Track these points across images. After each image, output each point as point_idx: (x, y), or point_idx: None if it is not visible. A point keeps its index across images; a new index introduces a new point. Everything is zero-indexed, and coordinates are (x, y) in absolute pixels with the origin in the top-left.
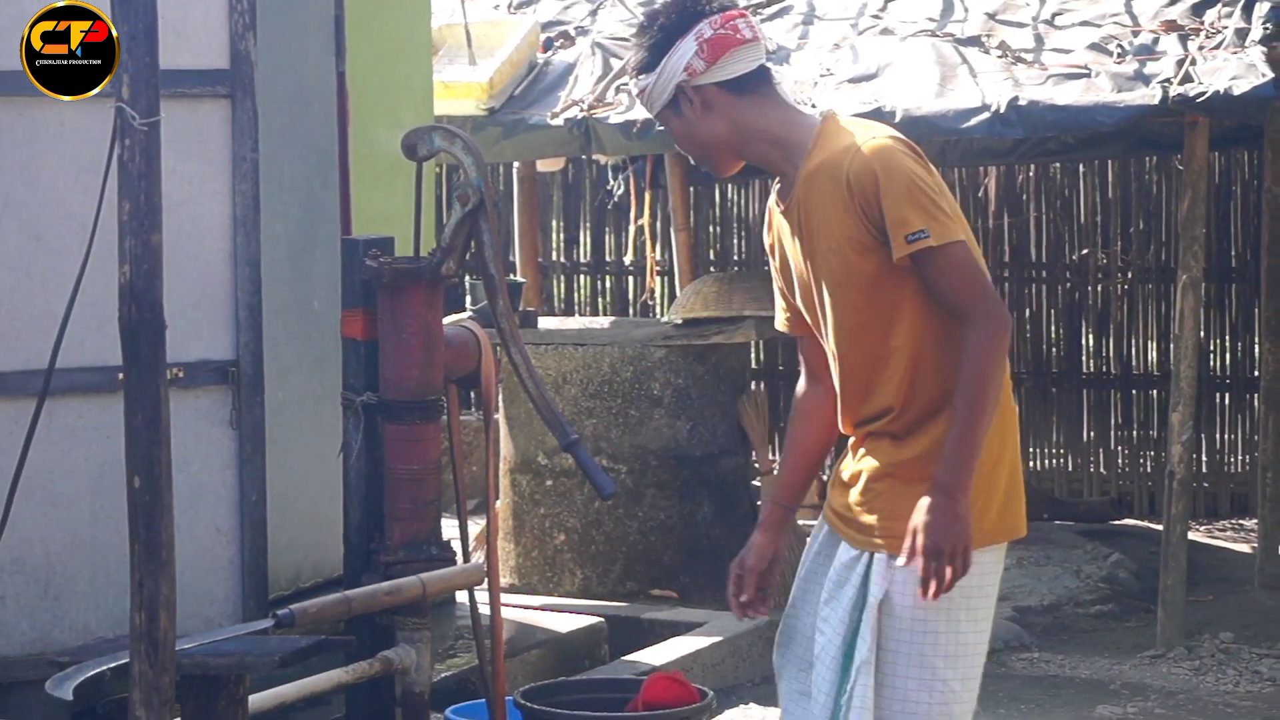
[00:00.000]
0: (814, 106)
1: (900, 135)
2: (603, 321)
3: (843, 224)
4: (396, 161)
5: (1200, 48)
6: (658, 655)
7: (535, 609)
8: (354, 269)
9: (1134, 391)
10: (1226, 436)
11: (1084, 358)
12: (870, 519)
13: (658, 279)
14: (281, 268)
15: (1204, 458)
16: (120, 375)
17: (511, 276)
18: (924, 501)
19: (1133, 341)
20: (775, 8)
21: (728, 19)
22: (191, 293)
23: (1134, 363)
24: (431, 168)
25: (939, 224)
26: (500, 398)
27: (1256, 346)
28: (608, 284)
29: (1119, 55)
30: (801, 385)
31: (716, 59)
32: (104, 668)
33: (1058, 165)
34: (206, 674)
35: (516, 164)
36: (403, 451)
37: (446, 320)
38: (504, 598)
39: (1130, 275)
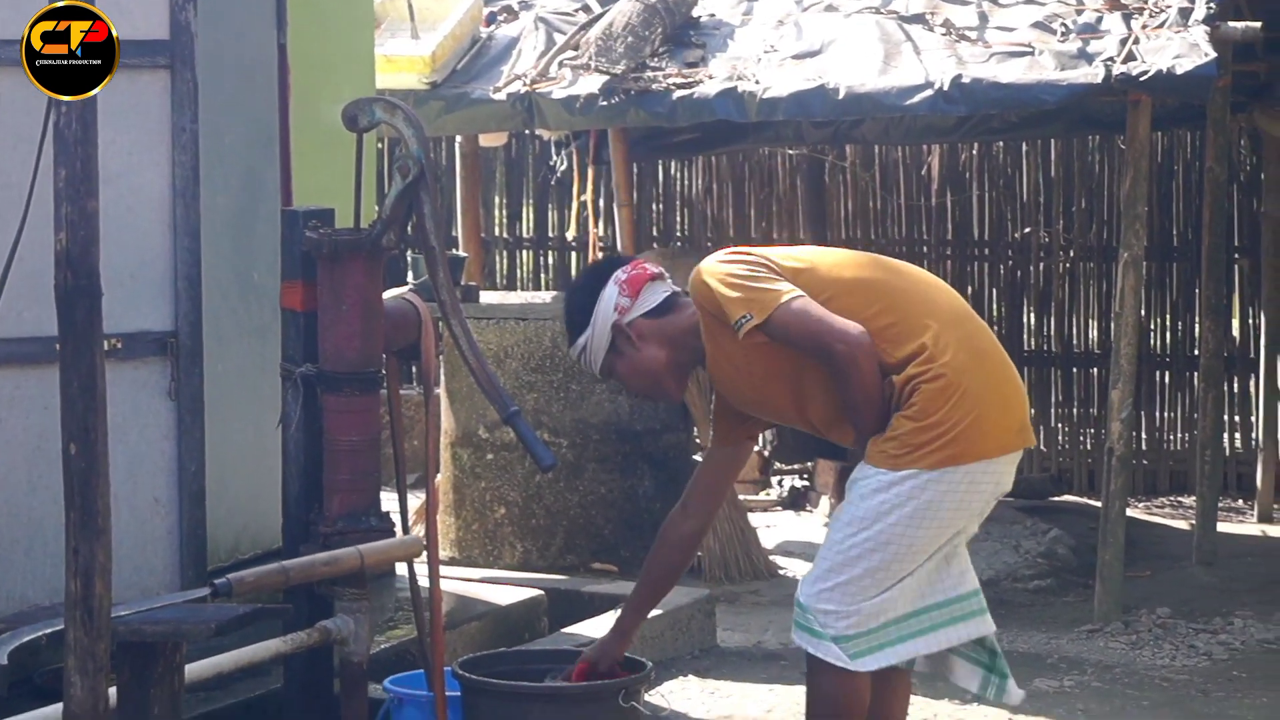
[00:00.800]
0: (757, 82)
1: (727, 252)
2: (545, 296)
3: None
4: (337, 134)
5: (1144, 26)
6: (598, 628)
7: (475, 581)
8: (294, 240)
9: (1074, 369)
10: (1166, 414)
11: (1025, 335)
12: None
13: (600, 255)
14: (221, 239)
15: (1143, 435)
16: (58, 345)
17: (454, 251)
18: None
19: (1074, 319)
20: None
21: (634, 264)
22: (130, 264)
23: (1075, 341)
24: (373, 141)
25: (756, 303)
26: (441, 371)
27: (1197, 325)
28: (550, 259)
29: (1062, 34)
30: (676, 512)
31: (637, 293)
32: (39, 633)
33: (1001, 144)
34: (142, 641)
35: (459, 139)
36: (342, 423)
37: (387, 294)
38: (444, 570)
39: (1072, 254)
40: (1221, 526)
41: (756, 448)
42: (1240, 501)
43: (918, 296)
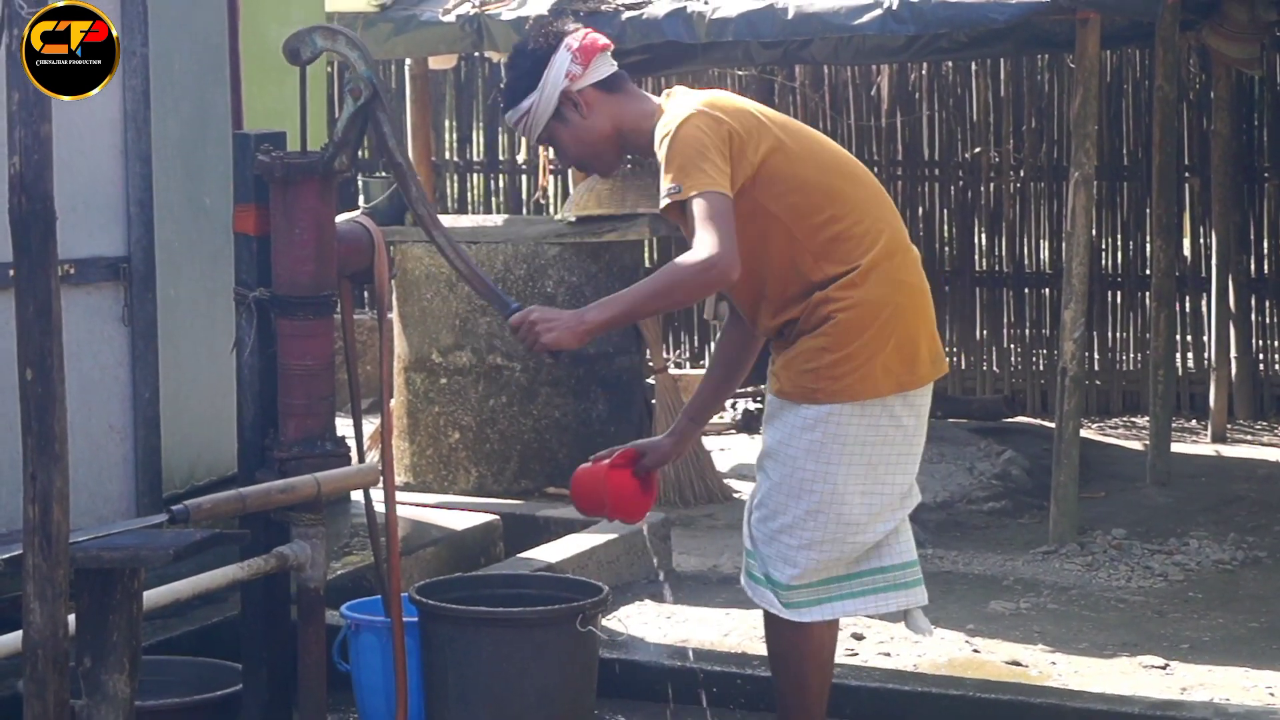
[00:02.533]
0: (706, 3)
1: (706, 101)
2: (496, 220)
3: None
4: None
5: None
6: (554, 552)
7: (430, 507)
8: (246, 164)
9: (1026, 290)
10: (1118, 334)
11: (976, 256)
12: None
13: (551, 177)
14: (173, 164)
15: (1096, 356)
16: (11, 271)
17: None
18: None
19: (1025, 240)
20: None
21: (587, 31)
22: (82, 189)
23: (1026, 261)
24: (322, 65)
25: (690, 178)
26: (394, 296)
27: (1148, 244)
28: (501, 183)
29: None
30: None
31: (589, 61)
32: None
33: (950, 64)
34: (101, 568)
35: (408, 61)
36: (296, 347)
37: (340, 218)
38: (399, 496)
39: (1022, 174)
40: (1175, 447)
41: None
42: (1194, 421)
43: (867, 218)
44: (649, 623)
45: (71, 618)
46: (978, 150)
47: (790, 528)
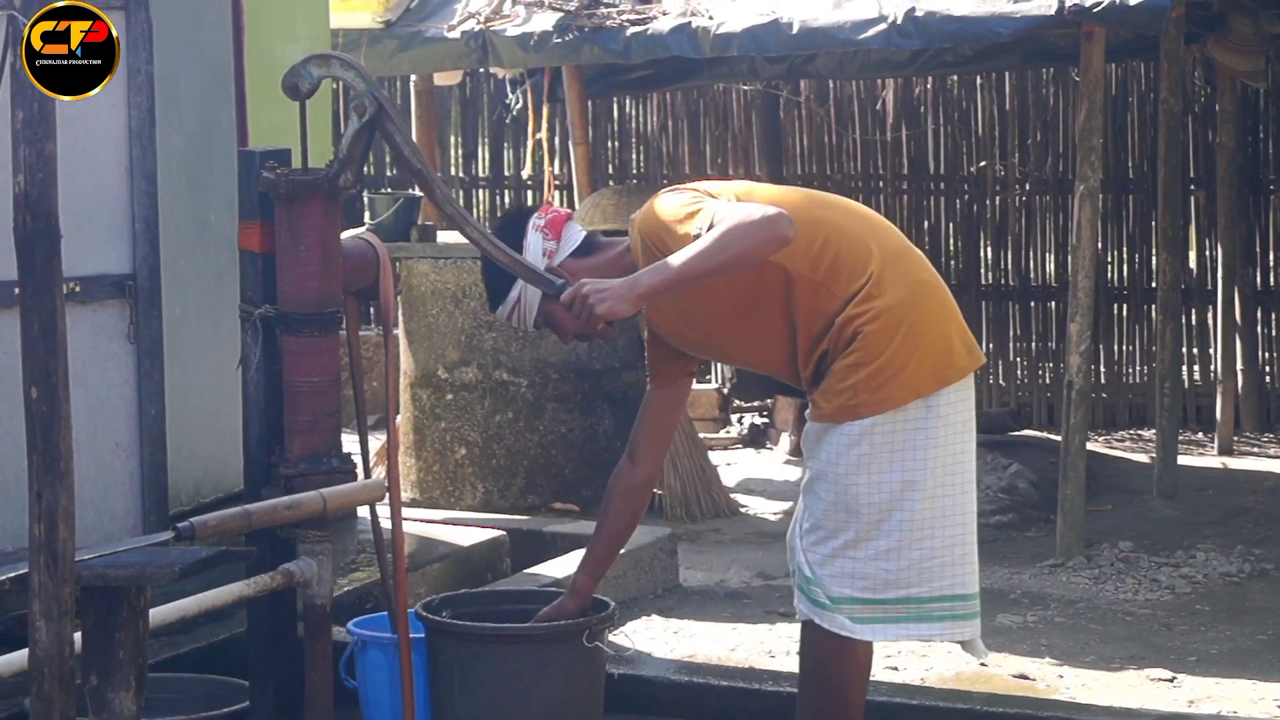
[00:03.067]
0: (711, 18)
1: (669, 190)
2: None
3: None
4: None
5: None
6: (560, 568)
7: (437, 523)
8: (251, 181)
9: (1032, 303)
10: (1124, 347)
11: (982, 269)
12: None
13: (556, 193)
14: (178, 181)
15: (1102, 369)
16: (16, 289)
17: (410, 191)
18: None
19: (1031, 253)
20: None
21: (546, 208)
22: (87, 207)
23: (1032, 274)
24: (328, 82)
25: (697, 220)
26: (400, 312)
27: (1154, 257)
28: (506, 198)
29: None
30: (624, 463)
31: (559, 235)
32: (3, 579)
33: (955, 77)
34: (107, 585)
35: (413, 77)
36: (301, 364)
37: (345, 234)
38: (406, 512)
39: (1028, 187)
40: (1182, 459)
41: (715, 385)
42: (1200, 434)
43: (858, 233)
44: (656, 638)
45: (78, 636)
46: (983, 164)
47: (855, 543)
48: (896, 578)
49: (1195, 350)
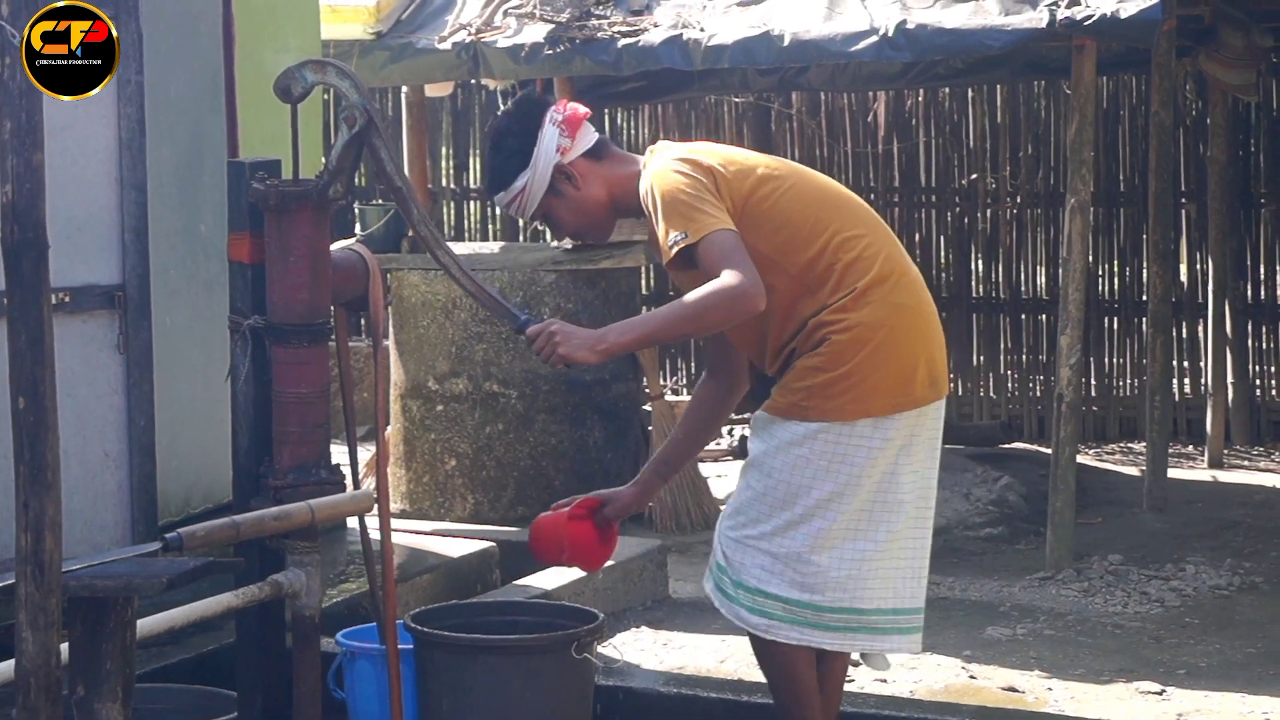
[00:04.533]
0: (702, 30)
1: (686, 150)
2: (493, 246)
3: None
4: None
5: None
6: (550, 579)
7: (427, 534)
8: (240, 191)
9: (1023, 316)
10: (1115, 360)
11: (973, 282)
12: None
13: None
14: (168, 191)
15: (1093, 381)
16: (4, 300)
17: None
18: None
19: (1022, 266)
20: None
21: (564, 103)
22: (77, 217)
23: (1023, 287)
24: (318, 91)
25: (693, 223)
26: (390, 324)
27: (1144, 270)
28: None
29: None
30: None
31: (576, 133)
32: None
33: (947, 90)
34: (94, 596)
35: (405, 89)
36: (290, 375)
37: (335, 245)
38: (395, 523)
39: (1019, 200)
40: (1172, 472)
41: None
42: (1190, 447)
43: (859, 244)
44: (645, 649)
45: (64, 646)
46: (974, 176)
47: (769, 536)
48: (802, 581)
49: (1186, 363)
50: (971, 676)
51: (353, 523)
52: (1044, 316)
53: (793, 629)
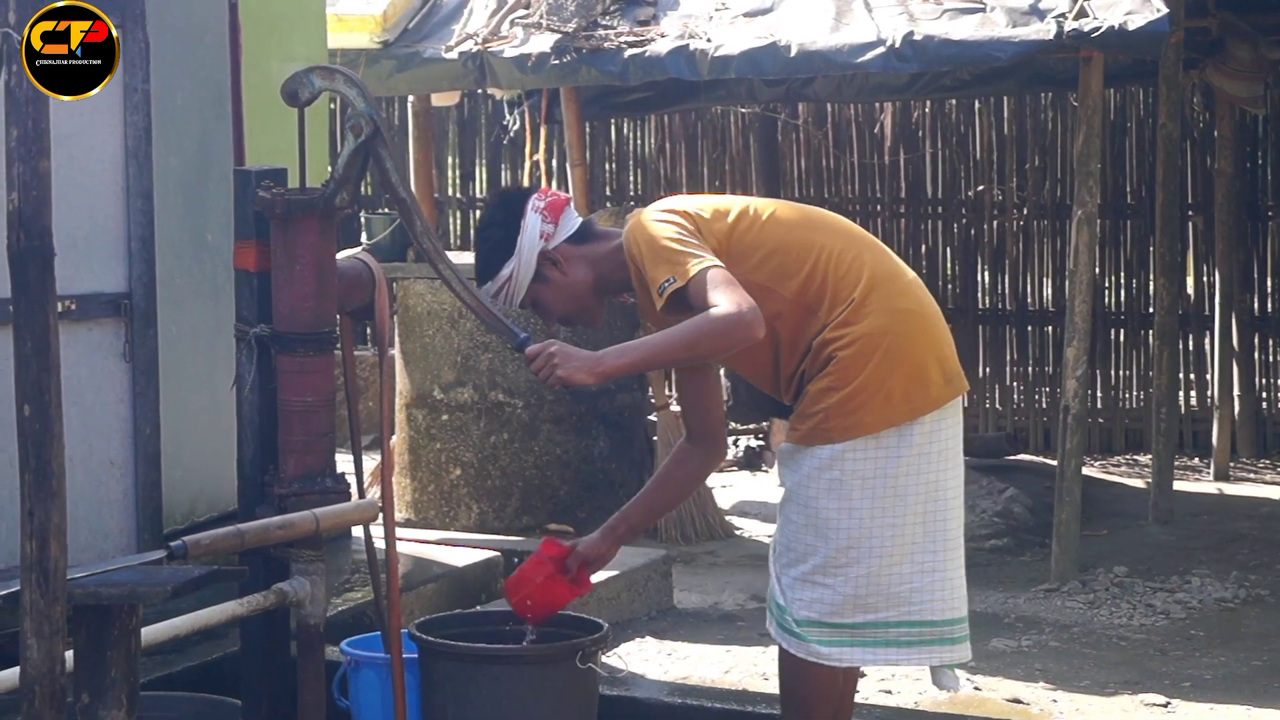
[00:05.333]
0: (709, 40)
1: (660, 205)
2: None
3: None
4: None
5: None
6: None
7: (431, 543)
8: (247, 200)
9: (1029, 328)
10: (1121, 373)
11: (980, 294)
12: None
13: None
14: (175, 200)
15: (1099, 394)
16: (10, 307)
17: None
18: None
19: (1028, 278)
20: None
21: (545, 190)
22: (83, 225)
23: (1029, 299)
24: (324, 101)
25: (680, 266)
26: (396, 333)
27: (1151, 283)
28: None
29: None
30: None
31: (558, 218)
32: None
33: (954, 101)
34: (99, 604)
35: (411, 98)
36: (296, 383)
37: (341, 254)
38: (400, 532)
39: (1026, 211)
40: (1178, 485)
41: None
42: (1196, 460)
43: (849, 256)
44: (650, 660)
45: (69, 654)
46: (981, 188)
47: (823, 567)
48: (864, 602)
49: (1192, 376)
50: (976, 688)
51: (358, 532)
52: (1050, 328)
53: (863, 650)
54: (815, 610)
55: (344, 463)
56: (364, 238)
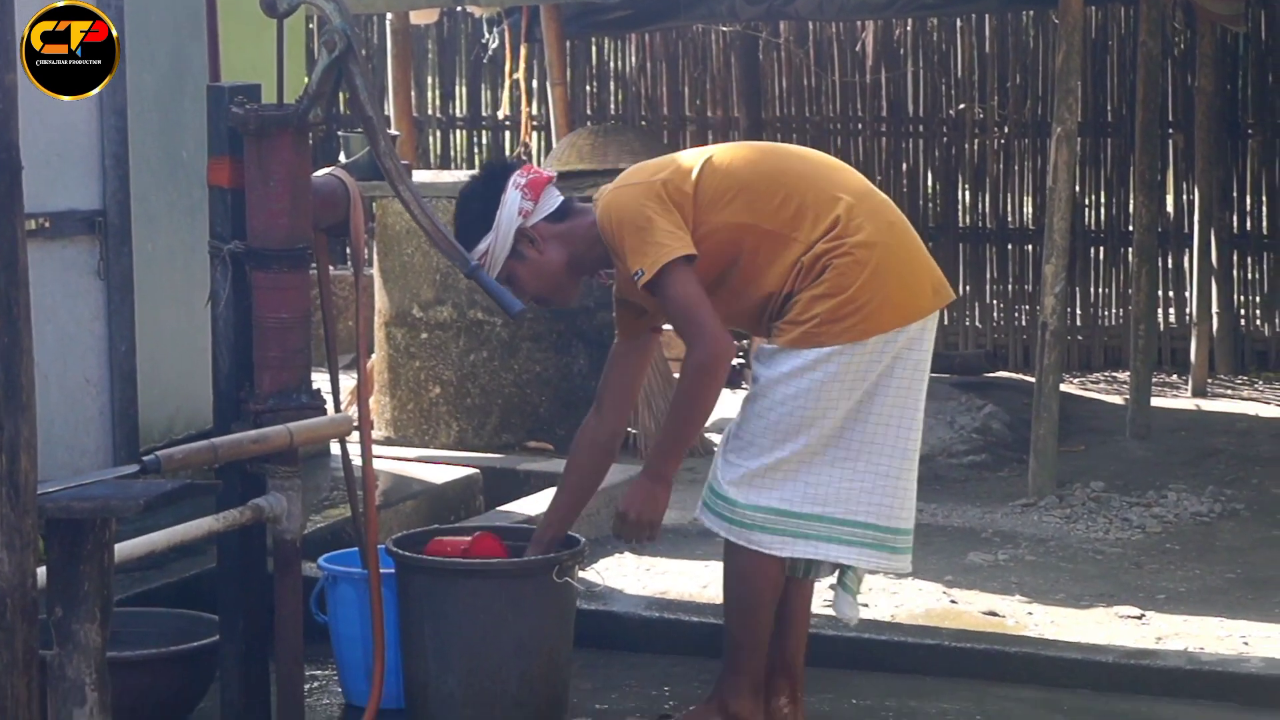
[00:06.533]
0: None
1: (625, 178)
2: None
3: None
4: None
5: None
6: (533, 505)
7: (411, 461)
8: (220, 116)
9: (1009, 246)
10: (1101, 290)
11: (960, 212)
12: None
13: (533, 133)
14: (149, 117)
15: (1078, 311)
16: None
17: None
18: (636, 480)
19: (1009, 196)
20: None
21: (528, 168)
22: (57, 142)
23: (1010, 217)
24: (301, 19)
25: (648, 256)
26: (376, 252)
27: (1131, 201)
28: (484, 139)
29: None
30: (591, 417)
31: (539, 196)
32: None
33: (935, 20)
34: (71, 518)
35: (390, 16)
36: (271, 300)
37: (317, 172)
38: (379, 450)
39: (1007, 130)
40: (1155, 401)
41: None
42: (1174, 376)
43: (821, 177)
44: (627, 575)
45: (41, 570)
46: (962, 106)
47: (787, 460)
48: (817, 495)
49: (1171, 293)
50: (952, 601)
51: (336, 449)
52: (1030, 246)
53: (806, 543)
54: (770, 498)
55: (323, 380)
56: (342, 156)
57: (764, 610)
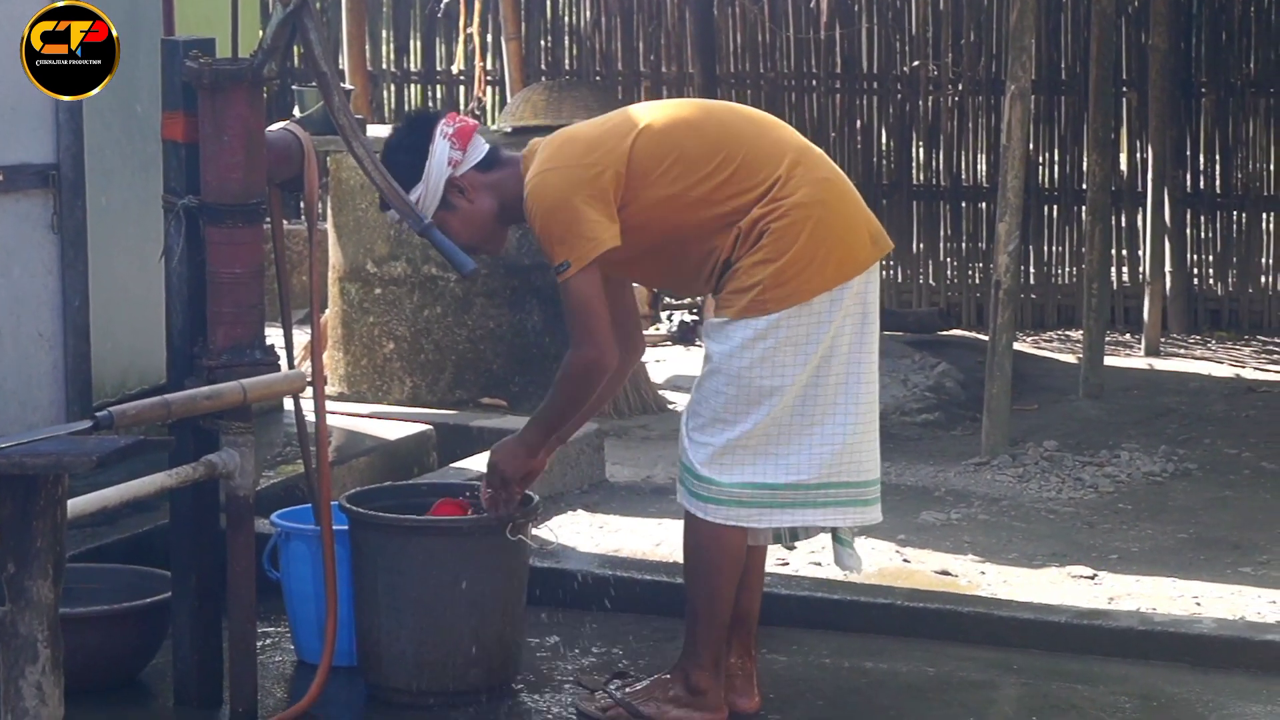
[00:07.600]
0: None
1: (555, 156)
2: None
3: None
4: None
5: None
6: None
7: (364, 417)
8: (174, 70)
9: (963, 203)
10: (1054, 249)
11: (914, 169)
12: None
13: (488, 88)
14: None
15: (1031, 269)
16: None
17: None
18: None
19: (963, 154)
20: None
21: (453, 116)
22: (9, 95)
23: (963, 175)
24: None
25: (574, 250)
26: (330, 207)
27: (1084, 159)
28: (438, 93)
29: None
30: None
31: (466, 145)
32: None
33: None
34: (24, 474)
35: None
36: (224, 255)
37: (271, 126)
38: (333, 406)
39: (961, 87)
40: (1109, 360)
41: None
42: (1128, 335)
43: (759, 138)
44: (581, 532)
45: None
46: (916, 64)
47: (753, 432)
48: (789, 463)
49: (1125, 252)
50: (905, 560)
51: (290, 405)
52: (984, 204)
53: (784, 512)
54: (743, 474)
55: (276, 336)
56: (296, 111)
57: (727, 584)
